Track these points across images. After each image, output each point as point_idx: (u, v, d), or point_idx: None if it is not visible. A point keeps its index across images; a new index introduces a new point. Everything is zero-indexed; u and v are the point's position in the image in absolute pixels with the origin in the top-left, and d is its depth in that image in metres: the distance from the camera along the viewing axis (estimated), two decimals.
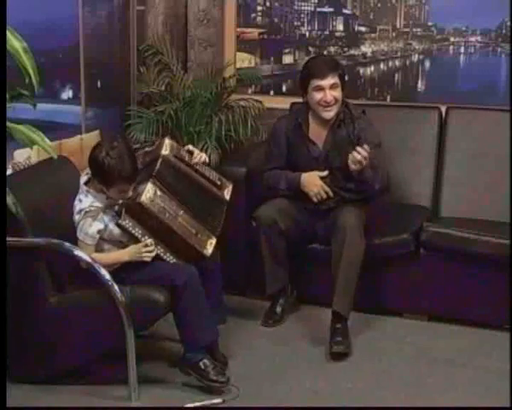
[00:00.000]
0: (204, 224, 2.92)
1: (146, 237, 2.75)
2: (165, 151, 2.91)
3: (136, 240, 2.77)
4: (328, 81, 3.33)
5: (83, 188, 2.81)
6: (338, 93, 3.36)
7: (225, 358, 2.98)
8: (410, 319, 3.55)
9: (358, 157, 3.14)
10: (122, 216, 2.73)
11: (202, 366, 2.79)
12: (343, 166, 3.38)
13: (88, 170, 2.84)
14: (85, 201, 2.77)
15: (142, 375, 2.83)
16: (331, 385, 2.93)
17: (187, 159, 2.99)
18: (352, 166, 3.19)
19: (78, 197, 2.81)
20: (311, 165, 3.45)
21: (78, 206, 2.78)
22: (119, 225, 2.75)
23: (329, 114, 3.38)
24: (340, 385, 2.93)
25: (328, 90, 3.33)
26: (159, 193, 2.78)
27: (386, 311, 3.58)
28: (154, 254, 2.77)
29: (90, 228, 2.74)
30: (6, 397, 2.19)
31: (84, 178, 2.84)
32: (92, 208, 2.75)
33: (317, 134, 3.46)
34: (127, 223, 2.73)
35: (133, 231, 2.74)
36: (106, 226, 2.77)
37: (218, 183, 3.06)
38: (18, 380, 2.81)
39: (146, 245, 2.75)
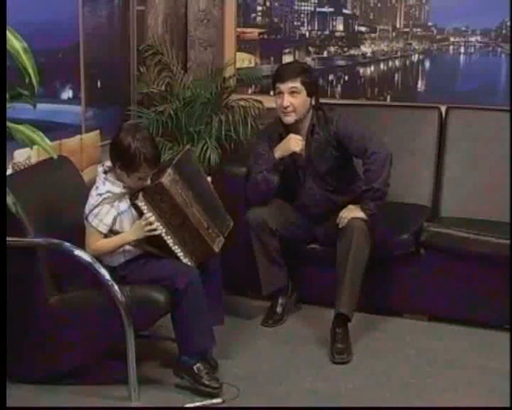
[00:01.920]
0: (214, 221, 2.94)
1: (158, 224, 2.74)
2: (185, 154, 2.97)
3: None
4: (286, 85, 3.28)
5: (101, 176, 2.80)
6: (297, 100, 3.28)
7: (216, 363, 2.96)
8: (410, 319, 3.55)
9: (344, 221, 3.25)
10: (139, 197, 2.71)
11: (196, 370, 2.78)
12: (329, 169, 3.39)
13: (104, 162, 2.85)
14: (102, 188, 2.77)
15: (142, 375, 2.83)
16: (331, 385, 2.93)
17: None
18: (343, 221, 3.26)
19: (95, 185, 2.81)
20: (298, 174, 3.45)
21: (94, 192, 2.78)
22: (134, 205, 2.73)
23: (287, 119, 3.32)
24: (340, 385, 2.93)
25: (286, 95, 3.28)
26: (178, 179, 2.78)
27: (386, 311, 3.58)
28: (157, 232, 2.74)
29: (107, 216, 2.74)
30: (6, 397, 2.19)
31: (101, 169, 2.83)
32: (110, 194, 2.75)
33: None
34: (143, 205, 2.72)
35: (147, 215, 2.72)
36: (118, 215, 2.77)
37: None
38: (18, 380, 2.81)
39: (148, 222, 2.72)
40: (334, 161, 3.39)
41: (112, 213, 2.75)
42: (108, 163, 2.82)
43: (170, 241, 2.79)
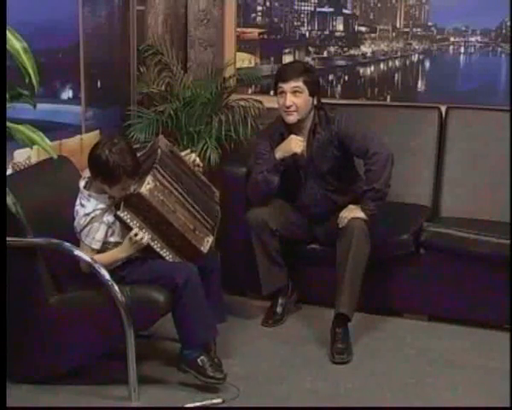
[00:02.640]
0: (201, 221, 2.93)
1: (143, 231, 2.73)
2: (161, 146, 2.93)
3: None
4: (289, 85, 3.28)
5: (84, 192, 2.78)
6: (299, 99, 3.28)
7: (220, 361, 2.95)
8: (410, 319, 3.55)
9: (345, 221, 3.25)
10: (121, 208, 2.70)
11: (200, 363, 2.79)
12: (330, 169, 3.39)
13: (85, 174, 2.83)
14: (89, 205, 2.75)
15: (142, 375, 2.83)
16: (331, 385, 2.93)
17: (183, 156, 3.03)
18: (343, 221, 3.27)
19: (79, 202, 2.78)
20: (299, 174, 3.44)
21: (81, 211, 2.76)
22: (117, 217, 2.72)
23: (289, 118, 3.32)
24: (340, 385, 2.93)
25: (288, 94, 3.28)
26: (158, 186, 2.76)
27: (386, 311, 3.58)
28: (146, 240, 2.72)
29: (98, 233, 2.74)
30: (6, 397, 2.19)
31: (82, 183, 2.82)
32: (97, 212, 2.74)
33: None
34: (125, 215, 2.70)
35: (131, 224, 2.70)
36: (109, 227, 2.77)
37: (208, 184, 3.11)
38: (18, 380, 2.81)
39: (135, 239, 2.71)
40: (335, 160, 3.39)
41: (103, 229, 2.75)
42: (89, 174, 2.81)
43: (157, 246, 2.78)
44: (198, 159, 3.09)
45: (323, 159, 3.39)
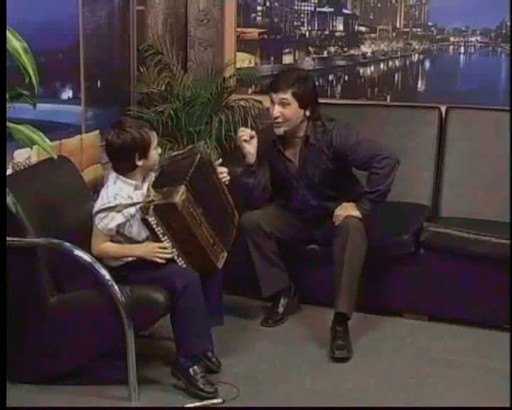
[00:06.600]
0: (219, 236, 2.92)
1: (166, 237, 2.73)
2: (202, 152, 2.95)
3: (155, 239, 2.75)
4: (277, 96, 3.23)
5: (112, 175, 2.81)
6: (287, 110, 3.22)
7: (219, 362, 2.96)
8: (410, 319, 3.55)
9: (340, 218, 3.24)
10: (149, 212, 2.68)
11: (192, 373, 2.78)
12: (322, 180, 3.37)
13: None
14: (112, 189, 2.77)
15: (142, 375, 2.83)
16: (331, 385, 2.93)
17: (218, 172, 3.05)
18: (339, 219, 3.26)
19: (106, 184, 2.82)
20: (291, 181, 3.43)
21: (104, 192, 2.78)
22: (143, 221, 2.72)
23: (277, 130, 3.29)
24: (340, 385, 2.93)
25: (276, 105, 3.24)
26: (190, 197, 2.75)
27: (386, 311, 3.58)
28: (166, 257, 2.75)
29: (112, 221, 2.74)
30: (6, 397, 2.19)
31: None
32: (123, 201, 2.75)
33: (292, 151, 3.40)
34: (152, 220, 2.70)
35: (156, 229, 2.71)
36: (127, 221, 2.77)
37: (232, 206, 3.14)
38: (18, 380, 2.81)
39: (163, 248, 2.74)
40: (328, 172, 3.35)
41: (118, 219, 2.74)
42: None
43: (174, 253, 2.77)
44: (228, 176, 3.07)
45: (316, 170, 3.35)
